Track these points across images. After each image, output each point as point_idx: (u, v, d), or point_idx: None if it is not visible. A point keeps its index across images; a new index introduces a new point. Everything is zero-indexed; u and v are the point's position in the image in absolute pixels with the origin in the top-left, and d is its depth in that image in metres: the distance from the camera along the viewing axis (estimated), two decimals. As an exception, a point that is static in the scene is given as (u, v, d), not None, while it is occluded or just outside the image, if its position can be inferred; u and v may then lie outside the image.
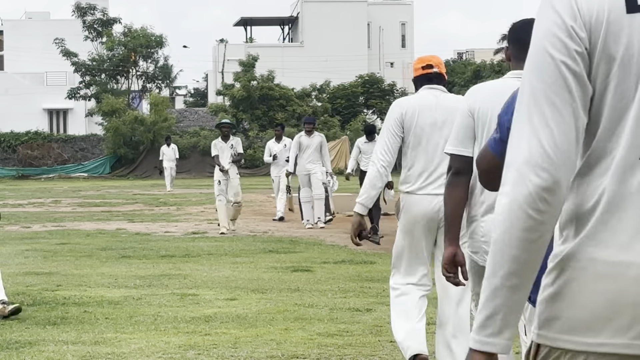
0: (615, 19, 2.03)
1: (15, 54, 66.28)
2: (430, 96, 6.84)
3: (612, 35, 2.03)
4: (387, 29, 73.95)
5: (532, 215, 2.04)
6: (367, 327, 8.96)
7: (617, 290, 2.01)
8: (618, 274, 2.01)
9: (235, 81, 57.54)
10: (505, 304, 2.08)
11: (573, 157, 2.04)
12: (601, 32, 2.03)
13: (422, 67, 6.97)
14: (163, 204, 29.14)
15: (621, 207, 2.01)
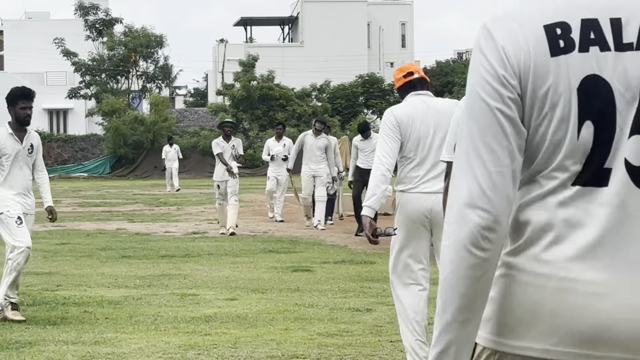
0: (541, 63, 2.19)
1: (15, 54, 66.29)
2: (419, 102, 7.09)
3: (539, 78, 2.19)
4: (387, 29, 73.95)
5: (475, 253, 2.17)
6: (367, 327, 8.96)
7: (539, 299, 2.18)
8: (540, 284, 2.18)
9: (235, 81, 57.55)
10: (457, 339, 2.20)
11: (510, 196, 2.20)
12: (529, 77, 2.20)
13: (403, 75, 7.17)
14: (163, 204, 29.15)
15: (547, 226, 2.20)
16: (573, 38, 2.20)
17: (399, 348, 8.06)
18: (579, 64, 2.19)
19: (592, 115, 2.19)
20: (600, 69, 2.19)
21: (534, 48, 2.20)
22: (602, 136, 2.19)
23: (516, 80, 2.21)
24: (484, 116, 2.21)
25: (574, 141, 2.19)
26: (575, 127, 2.19)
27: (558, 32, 2.21)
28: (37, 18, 70.99)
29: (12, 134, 9.71)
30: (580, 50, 2.20)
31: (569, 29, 2.21)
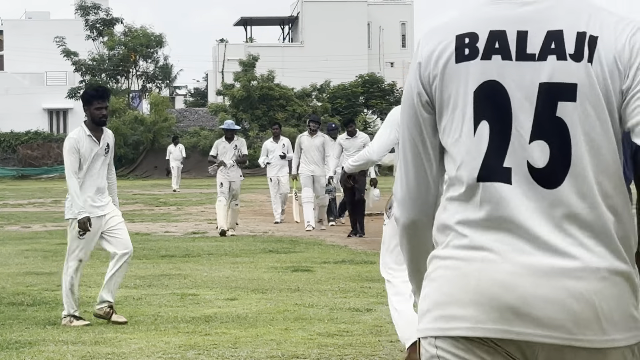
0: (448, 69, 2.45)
1: (15, 54, 66.27)
2: None
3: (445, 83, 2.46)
4: (387, 29, 73.95)
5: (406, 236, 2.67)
6: (367, 327, 8.96)
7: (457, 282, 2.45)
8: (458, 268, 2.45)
9: (236, 81, 57.54)
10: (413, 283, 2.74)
11: (429, 197, 2.58)
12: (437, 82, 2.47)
13: None
14: (163, 204, 29.15)
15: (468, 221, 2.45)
16: (478, 47, 2.43)
17: (399, 348, 8.06)
18: (480, 70, 2.42)
19: (487, 116, 2.41)
20: (500, 76, 2.41)
21: (444, 56, 2.46)
22: (498, 136, 2.40)
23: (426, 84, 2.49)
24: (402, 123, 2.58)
25: (469, 140, 2.42)
26: (471, 126, 2.42)
27: (466, 41, 2.44)
28: (37, 18, 70.97)
29: (90, 135, 9.50)
30: (483, 58, 2.42)
31: (477, 39, 2.44)
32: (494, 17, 2.46)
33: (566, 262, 2.36)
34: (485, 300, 2.39)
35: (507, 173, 2.40)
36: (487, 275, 2.39)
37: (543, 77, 2.40)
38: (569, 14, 2.44)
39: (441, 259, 2.49)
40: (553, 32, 2.41)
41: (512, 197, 2.39)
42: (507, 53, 2.42)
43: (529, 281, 2.36)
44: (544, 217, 2.38)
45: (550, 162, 2.38)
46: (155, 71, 59.84)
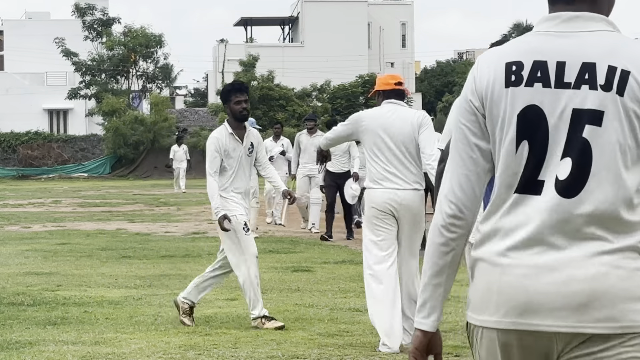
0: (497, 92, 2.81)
1: (16, 54, 66.27)
2: (391, 108, 8.15)
3: (495, 103, 2.82)
4: (387, 29, 73.94)
5: (444, 234, 2.88)
6: (367, 327, 8.95)
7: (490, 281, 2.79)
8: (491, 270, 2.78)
9: (236, 81, 57.56)
10: (430, 297, 2.93)
11: (476, 194, 2.88)
12: (488, 102, 2.83)
13: (395, 83, 8.25)
14: (163, 204, 29.16)
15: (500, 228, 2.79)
16: (523, 75, 2.79)
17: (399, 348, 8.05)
18: (523, 95, 2.78)
19: (527, 136, 2.77)
20: (540, 101, 2.76)
21: (494, 79, 2.82)
22: (535, 154, 2.76)
23: (479, 102, 2.85)
24: (456, 129, 2.90)
25: (512, 155, 2.78)
26: (514, 145, 2.78)
27: (513, 69, 2.80)
28: (37, 18, 70.96)
29: (232, 134, 9.13)
30: (527, 84, 2.78)
31: (522, 67, 2.79)
32: (538, 48, 2.80)
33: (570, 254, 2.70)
34: (504, 300, 2.75)
35: (540, 185, 2.75)
36: (507, 277, 2.75)
37: (576, 104, 2.73)
38: (603, 48, 2.75)
39: (478, 259, 2.84)
40: (587, 64, 2.74)
41: (537, 206, 2.75)
42: (547, 81, 2.77)
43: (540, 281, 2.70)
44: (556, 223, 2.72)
45: (570, 175, 2.72)
46: (155, 71, 59.83)
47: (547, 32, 2.82)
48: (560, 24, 2.81)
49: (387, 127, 8.01)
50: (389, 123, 8.02)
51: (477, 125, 2.86)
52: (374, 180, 8.07)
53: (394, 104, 8.16)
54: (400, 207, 7.99)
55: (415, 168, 8.05)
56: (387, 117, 8.06)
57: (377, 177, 8.04)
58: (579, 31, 2.79)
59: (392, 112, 8.08)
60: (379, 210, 8.03)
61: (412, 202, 8.02)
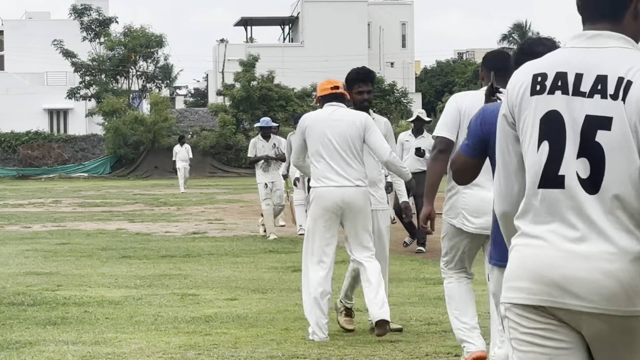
0: (525, 99, 3.28)
1: (16, 54, 66.29)
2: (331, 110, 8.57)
3: (523, 110, 3.28)
4: (387, 29, 73.94)
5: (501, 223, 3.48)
6: (367, 327, 8.96)
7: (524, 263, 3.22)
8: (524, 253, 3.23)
9: (236, 81, 57.53)
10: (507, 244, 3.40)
11: (515, 195, 3.38)
12: (517, 109, 3.30)
13: (331, 87, 8.65)
14: (163, 204, 29.16)
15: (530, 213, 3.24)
16: (546, 84, 3.25)
17: (399, 348, 8.07)
18: (546, 102, 3.24)
19: (548, 137, 3.22)
20: (559, 107, 3.21)
21: (523, 89, 3.29)
22: (555, 153, 3.20)
23: (511, 110, 3.32)
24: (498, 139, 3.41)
25: (534, 154, 3.24)
26: (536, 144, 3.24)
27: (538, 79, 3.26)
28: (37, 18, 70.97)
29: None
30: (549, 92, 3.24)
31: (546, 78, 3.25)
32: (563, 61, 3.26)
33: (600, 247, 3.10)
34: (537, 277, 3.16)
35: (561, 180, 3.19)
36: (539, 258, 3.18)
37: (589, 110, 3.17)
38: (616, 62, 3.18)
39: (513, 245, 3.30)
40: (601, 76, 3.17)
41: (563, 199, 3.18)
42: (566, 89, 3.22)
43: (570, 264, 3.11)
44: (583, 215, 3.14)
45: (590, 174, 3.15)
46: (156, 71, 59.83)
47: (573, 48, 3.29)
48: (584, 40, 3.28)
49: (330, 128, 8.43)
50: (332, 123, 8.45)
51: (512, 134, 3.35)
52: (318, 178, 8.46)
53: (334, 105, 8.57)
54: (343, 204, 8.41)
55: (357, 166, 8.45)
56: (329, 118, 8.49)
57: (321, 176, 8.44)
58: (598, 47, 3.24)
59: (333, 113, 8.50)
60: (324, 207, 8.44)
61: (355, 199, 8.41)
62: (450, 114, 6.89)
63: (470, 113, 6.42)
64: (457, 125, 6.86)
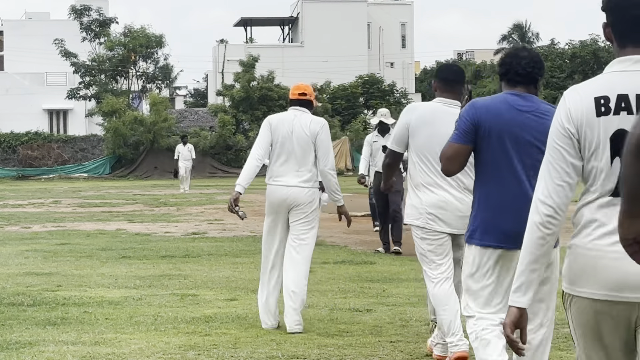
0: (590, 120, 3.60)
1: (16, 54, 66.29)
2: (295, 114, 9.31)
3: (589, 130, 3.60)
4: (387, 29, 73.94)
5: (541, 230, 3.69)
6: (367, 328, 8.96)
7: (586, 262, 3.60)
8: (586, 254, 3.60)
9: (235, 81, 57.53)
10: (527, 279, 3.73)
11: (565, 199, 3.67)
12: (583, 128, 3.61)
13: (298, 93, 9.40)
14: (163, 205, 29.17)
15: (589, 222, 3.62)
16: (610, 106, 3.57)
17: (399, 348, 8.07)
18: (613, 122, 3.57)
19: (620, 153, 3.36)
20: (627, 126, 3.45)
21: (587, 110, 3.59)
22: None
23: (575, 129, 3.61)
24: (552, 149, 3.67)
25: (608, 169, 3.58)
26: (608, 161, 3.58)
27: (602, 102, 3.58)
28: (37, 18, 70.96)
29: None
30: (614, 113, 3.57)
31: (609, 100, 3.57)
32: (620, 84, 3.58)
33: None
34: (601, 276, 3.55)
35: None
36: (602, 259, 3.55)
37: None
38: None
39: (573, 244, 3.64)
40: None
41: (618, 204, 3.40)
42: (630, 110, 3.56)
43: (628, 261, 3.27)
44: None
45: None
46: (156, 72, 59.81)
47: (622, 71, 3.59)
48: (632, 64, 3.58)
49: (292, 130, 9.14)
50: (294, 127, 9.16)
51: (572, 147, 3.63)
52: (273, 177, 9.14)
53: (298, 110, 9.31)
54: (292, 201, 9.06)
55: (307, 168, 9.09)
56: (290, 121, 9.21)
57: (275, 174, 9.12)
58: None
59: (295, 118, 9.23)
60: (275, 203, 9.12)
61: (302, 198, 9.04)
62: (400, 129, 7.40)
63: (419, 125, 7.27)
64: (406, 140, 7.36)
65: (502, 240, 5.85)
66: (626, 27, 3.58)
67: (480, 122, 5.85)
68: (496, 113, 5.87)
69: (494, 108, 5.90)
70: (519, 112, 5.87)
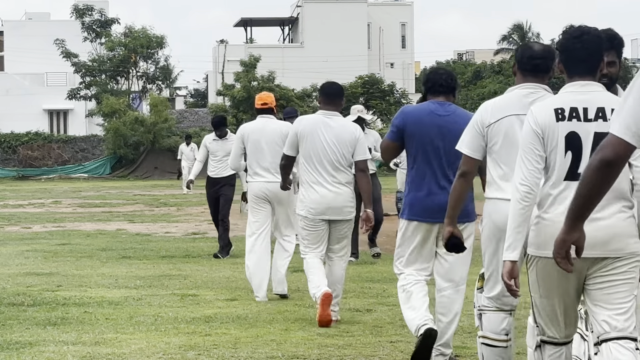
0: (551, 125, 5.08)
1: (16, 55, 66.24)
2: (264, 121, 11.04)
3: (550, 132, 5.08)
4: (387, 30, 73.91)
5: (521, 203, 5.11)
6: (367, 328, 8.97)
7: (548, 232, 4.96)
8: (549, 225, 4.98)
9: (236, 81, 57.51)
10: (515, 240, 5.13)
11: (537, 180, 5.08)
12: (546, 131, 5.08)
13: (261, 103, 11.09)
14: (163, 205, 29.18)
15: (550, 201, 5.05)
16: (565, 115, 5.09)
17: (399, 348, 8.08)
18: (566, 126, 5.07)
19: (570, 149, 5.04)
20: (576, 129, 5.06)
21: (549, 118, 5.10)
22: (575, 159, 5.04)
23: (541, 131, 5.09)
24: (525, 145, 5.12)
25: (562, 159, 5.06)
26: (563, 154, 5.06)
27: (559, 112, 5.10)
28: (37, 19, 70.91)
29: None
30: (568, 120, 5.08)
31: (564, 111, 5.10)
32: (572, 100, 5.11)
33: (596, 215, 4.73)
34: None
35: (579, 176, 4.59)
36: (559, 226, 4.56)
37: (597, 129, 5.02)
38: (605, 99, 5.10)
39: (539, 218, 5.04)
40: (600, 108, 5.06)
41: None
42: (579, 118, 5.07)
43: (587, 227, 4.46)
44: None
45: None
46: (156, 72, 59.79)
47: (572, 92, 5.14)
48: (579, 87, 5.14)
49: (263, 134, 10.86)
50: (264, 132, 10.89)
51: (539, 144, 5.07)
52: (252, 174, 10.88)
53: (265, 117, 11.00)
54: (271, 194, 10.73)
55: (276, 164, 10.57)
56: (260, 127, 10.92)
57: (252, 172, 10.85)
58: (591, 91, 5.12)
59: (264, 124, 10.94)
60: (256, 197, 10.81)
61: (279, 191, 10.40)
62: (290, 136, 9.29)
63: (305, 134, 9.14)
64: (296, 145, 9.23)
65: (422, 215, 7.38)
66: (573, 63, 5.16)
67: (406, 125, 7.48)
68: (419, 118, 7.47)
69: (418, 114, 7.51)
70: (437, 116, 7.43)
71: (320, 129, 9.14)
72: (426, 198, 7.40)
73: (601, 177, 4.15)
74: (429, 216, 7.38)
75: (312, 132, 9.15)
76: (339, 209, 9.24)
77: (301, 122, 9.29)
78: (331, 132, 9.14)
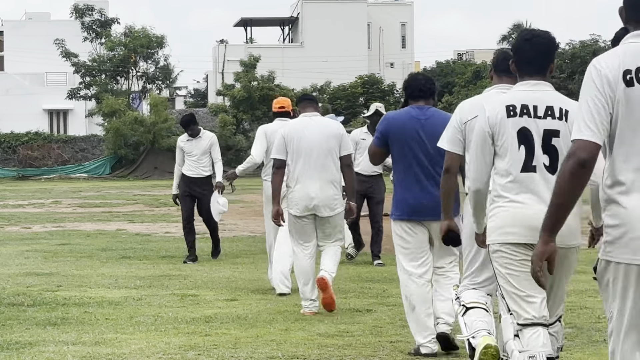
0: (502, 121, 5.58)
1: (16, 55, 66.22)
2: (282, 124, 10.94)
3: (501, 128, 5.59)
4: (387, 30, 73.92)
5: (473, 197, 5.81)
6: (367, 328, 8.97)
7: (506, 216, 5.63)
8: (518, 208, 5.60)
9: (236, 81, 57.49)
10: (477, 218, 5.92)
11: (488, 173, 5.67)
12: (497, 127, 5.60)
13: (278, 107, 11.68)
14: (163, 205, 29.18)
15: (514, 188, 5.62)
16: (517, 111, 5.55)
17: (399, 349, 8.07)
18: (517, 122, 5.56)
19: (523, 143, 5.55)
20: (527, 125, 5.57)
21: (500, 115, 5.59)
22: (528, 152, 5.55)
23: (490, 129, 5.61)
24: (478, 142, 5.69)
25: (516, 153, 5.56)
26: (516, 148, 5.56)
27: (510, 108, 5.57)
28: (37, 19, 70.89)
29: None
30: (519, 116, 5.55)
31: (516, 107, 5.57)
32: (523, 97, 5.58)
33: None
34: (522, 225, 5.47)
35: (534, 168, 5.54)
36: (522, 213, 5.49)
37: (546, 126, 5.56)
38: (554, 98, 5.62)
39: (499, 206, 5.56)
40: (549, 106, 5.58)
41: (535, 178, 5.56)
42: (529, 114, 5.56)
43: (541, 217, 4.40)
44: (547, 188, 5.43)
45: (550, 164, 5.57)
46: (156, 72, 59.76)
47: (523, 90, 5.61)
48: (531, 86, 5.61)
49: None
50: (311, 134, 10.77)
51: (489, 142, 5.59)
52: (267, 174, 11.17)
53: (283, 120, 11.27)
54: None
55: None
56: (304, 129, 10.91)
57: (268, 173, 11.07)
58: (540, 90, 5.60)
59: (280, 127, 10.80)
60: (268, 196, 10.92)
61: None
62: (278, 140, 9.92)
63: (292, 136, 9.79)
64: (284, 149, 9.81)
65: (408, 214, 7.81)
66: (523, 64, 5.59)
67: (389, 131, 7.93)
68: (401, 123, 7.92)
69: (400, 119, 7.96)
70: (418, 120, 7.88)
71: (306, 128, 9.86)
72: (413, 198, 7.82)
73: (577, 181, 4.17)
74: (416, 215, 7.81)
75: (297, 132, 9.83)
76: (326, 205, 9.79)
77: (287, 125, 10.07)
78: (315, 129, 9.85)
